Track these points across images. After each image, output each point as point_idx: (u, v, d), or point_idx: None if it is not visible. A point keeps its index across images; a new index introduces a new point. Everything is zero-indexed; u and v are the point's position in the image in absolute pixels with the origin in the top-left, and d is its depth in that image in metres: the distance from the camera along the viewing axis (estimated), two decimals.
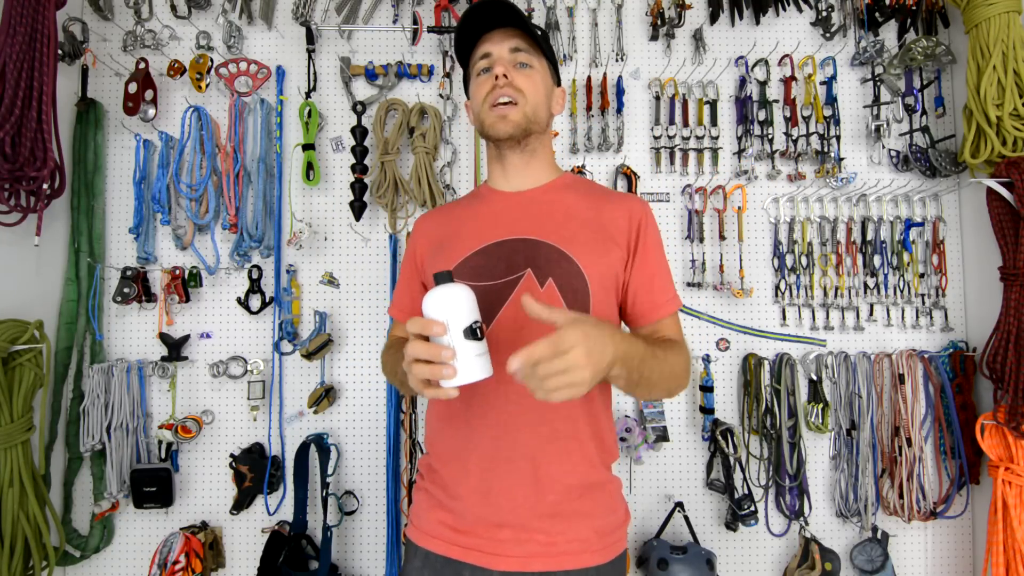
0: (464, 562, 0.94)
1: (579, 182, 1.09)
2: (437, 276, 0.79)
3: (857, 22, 1.83)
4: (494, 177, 1.09)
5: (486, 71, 1.00)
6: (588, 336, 0.68)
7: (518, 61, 0.99)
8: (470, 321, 0.76)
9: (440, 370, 0.73)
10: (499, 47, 0.99)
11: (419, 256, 1.09)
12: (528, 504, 0.92)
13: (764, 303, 1.81)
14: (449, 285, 0.78)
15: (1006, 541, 1.52)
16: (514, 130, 0.98)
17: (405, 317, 1.09)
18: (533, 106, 0.99)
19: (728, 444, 1.69)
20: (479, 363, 0.76)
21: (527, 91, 0.98)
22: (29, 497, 1.46)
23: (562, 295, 0.95)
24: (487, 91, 0.98)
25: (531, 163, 1.05)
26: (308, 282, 1.79)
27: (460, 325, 0.75)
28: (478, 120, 1.03)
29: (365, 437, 1.78)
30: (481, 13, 0.99)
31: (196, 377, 1.76)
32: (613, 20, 1.84)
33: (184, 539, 1.61)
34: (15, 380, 1.46)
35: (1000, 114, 1.57)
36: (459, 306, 0.76)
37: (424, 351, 0.74)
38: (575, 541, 0.93)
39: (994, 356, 1.57)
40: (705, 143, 1.80)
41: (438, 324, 0.74)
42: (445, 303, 0.76)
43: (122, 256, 1.77)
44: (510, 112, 0.97)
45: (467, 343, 0.75)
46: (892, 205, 1.80)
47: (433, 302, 0.77)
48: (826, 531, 1.76)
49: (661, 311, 1.00)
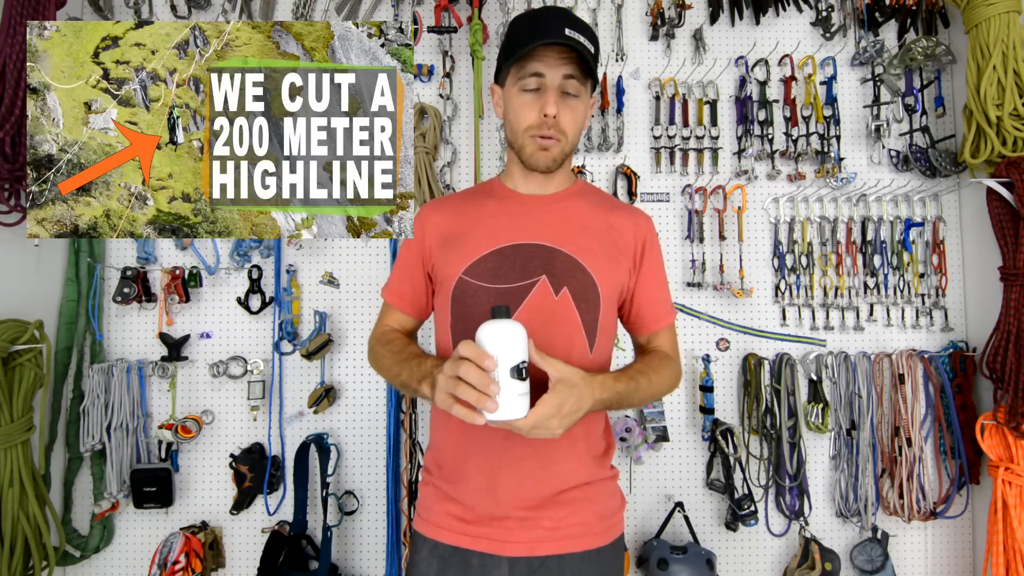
0: (473, 550, 0.96)
1: (590, 190, 1.12)
2: (495, 310, 0.82)
3: (857, 22, 1.83)
4: (513, 178, 1.10)
5: (535, 91, 0.98)
6: (563, 404, 0.82)
7: (567, 90, 0.98)
8: (518, 360, 0.79)
9: (486, 402, 0.77)
10: (553, 72, 0.96)
11: (426, 246, 1.08)
12: (536, 498, 0.96)
13: (764, 303, 1.81)
14: (507, 322, 0.81)
15: (1006, 541, 1.52)
16: (552, 165, 1.01)
17: (400, 304, 1.11)
18: (572, 142, 1.02)
19: (728, 444, 1.69)
20: (519, 403, 0.79)
21: (568, 131, 0.99)
22: (29, 497, 1.46)
23: (576, 304, 0.99)
24: (532, 122, 0.98)
25: (554, 176, 1.07)
26: (308, 282, 1.79)
27: (509, 363, 0.78)
28: (515, 138, 1.03)
29: (365, 437, 1.78)
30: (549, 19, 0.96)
31: (196, 377, 1.76)
32: (613, 20, 1.85)
33: (184, 539, 1.61)
34: (15, 380, 1.47)
35: (1000, 114, 1.57)
36: (512, 344, 0.79)
37: (477, 379, 0.77)
38: (577, 525, 0.98)
39: (994, 356, 1.57)
40: (705, 143, 1.81)
41: (490, 359, 0.78)
42: (500, 339, 0.79)
43: (122, 256, 1.77)
44: (552, 148, 0.99)
45: (512, 382, 0.78)
46: (892, 205, 1.80)
47: (489, 335, 0.80)
48: (826, 531, 1.76)
49: (660, 323, 1.09)
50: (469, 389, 0.77)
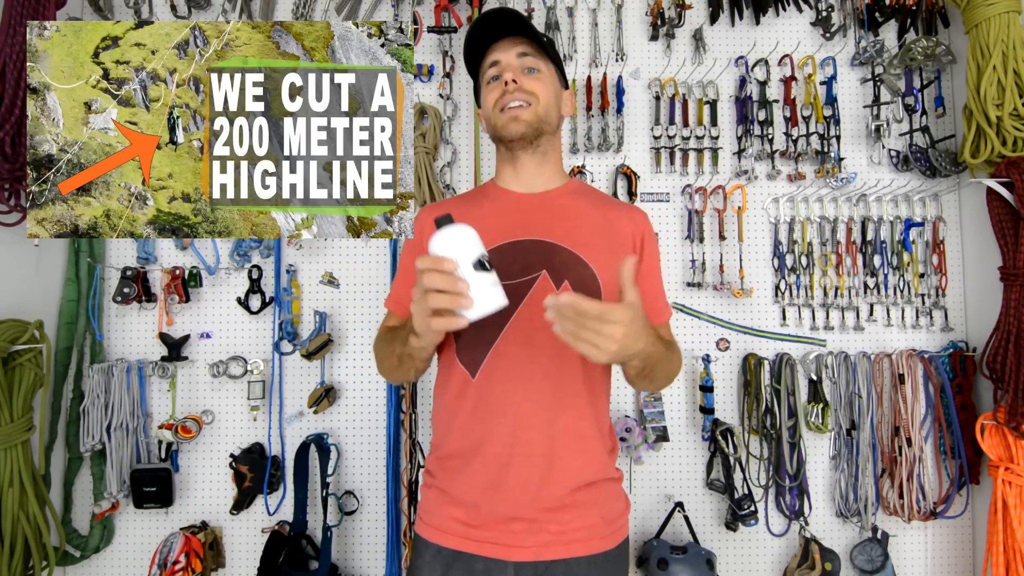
0: (478, 555, 0.95)
1: (586, 188, 1.13)
2: (438, 220, 0.78)
3: (857, 22, 1.83)
4: (504, 177, 1.11)
5: (496, 78, 1.04)
6: (633, 323, 0.74)
7: (526, 66, 1.02)
8: (478, 255, 0.76)
9: (458, 299, 0.73)
10: (507, 54, 1.02)
11: (425, 250, 1.08)
12: (541, 497, 0.95)
13: (764, 303, 1.81)
14: (453, 226, 0.78)
15: (1006, 541, 1.52)
16: (526, 129, 1.01)
17: (401, 310, 1.10)
18: (544, 106, 1.03)
19: (728, 444, 1.69)
20: (494, 292, 0.75)
21: (538, 92, 1.02)
22: (29, 497, 1.46)
23: None
24: (497, 97, 1.02)
25: (543, 165, 1.08)
26: (308, 282, 1.79)
27: (469, 259, 0.75)
28: (490, 125, 1.06)
29: (365, 437, 1.78)
30: (488, 23, 1.03)
31: (196, 377, 1.76)
32: (613, 20, 1.85)
33: (184, 539, 1.61)
34: (15, 380, 1.47)
35: (1000, 114, 1.57)
36: (466, 243, 0.76)
37: (441, 281, 0.73)
38: (583, 529, 0.97)
39: (994, 356, 1.57)
40: (705, 143, 1.81)
41: (448, 261, 0.74)
42: (451, 242, 0.76)
43: (122, 256, 1.77)
44: (522, 113, 1.01)
45: (479, 275, 0.75)
46: (892, 205, 1.80)
47: (439, 243, 0.76)
48: (826, 531, 1.76)
49: (659, 318, 1.09)
50: (439, 295, 0.73)
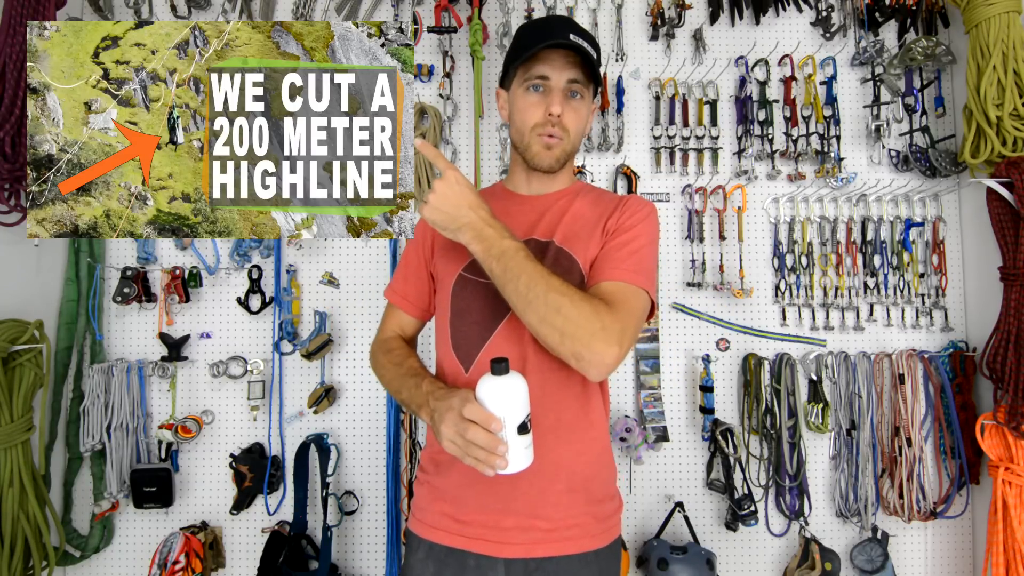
0: (469, 551, 0.96)
1: (587, 188, 1.14)
2: (495, 365, 0.81)
3: (857, 22, 1.83)
4: (515, 181, 1.13)
5: (537, 88, 1.02)
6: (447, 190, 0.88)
7: (571, 91, 1.03)
8: (523, 417, 0.81)
9: (495, 461, 0.79)
10: (558, 76, 1.00)
11: (429, 246, 1.12)
12: (532, 492, 0.95)
13: (764, 303, 1.81)
14: (506, 378, 0.81)
15: (1006, 541, 1.52)
16: (555, 164, 1.05)
17: (403, 304, 1.14)
18: (574, 141, 1.05)
19: (728, 444, 1.69)
20: (526, 455, 0.82)
21: (572, 129, 1.03)
22: (29, 497, 1.46)
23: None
24: (538, 120, 1.02)
25: (556, 177, 1.10)
26: (308, 282, 1.79)
27: (515, 421, 0.80)
28: (521, 141, 1.06)
29: (365, 437, 1.78)
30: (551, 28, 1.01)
31: (196, 377, 1.76)
32: (613, 20, 1.85)
33: (184, 539, 1.61)
34: (15, 380, 1.47)
35: (1000, 114, 1.57)
36: (515, 402, 0.81)
37: (486, 442, 0.79)
38: (575, 527, 0.97)
39: (994, 356, 1.57)
40: (705, 143, 1.81)
41: (496, 421, 0.79)
42: (502, 398, 0.81)
43: (122, 256, 1.77)
44: (555, 146, 1.03)
45: (519, 438, 0.81)
46: (892, 205, 1.80)
47: (490, 393, 0.81)
48: (826, 531, 1.76)
49: (615, 273, 0.93)
50: (479, 450, 0.80)
